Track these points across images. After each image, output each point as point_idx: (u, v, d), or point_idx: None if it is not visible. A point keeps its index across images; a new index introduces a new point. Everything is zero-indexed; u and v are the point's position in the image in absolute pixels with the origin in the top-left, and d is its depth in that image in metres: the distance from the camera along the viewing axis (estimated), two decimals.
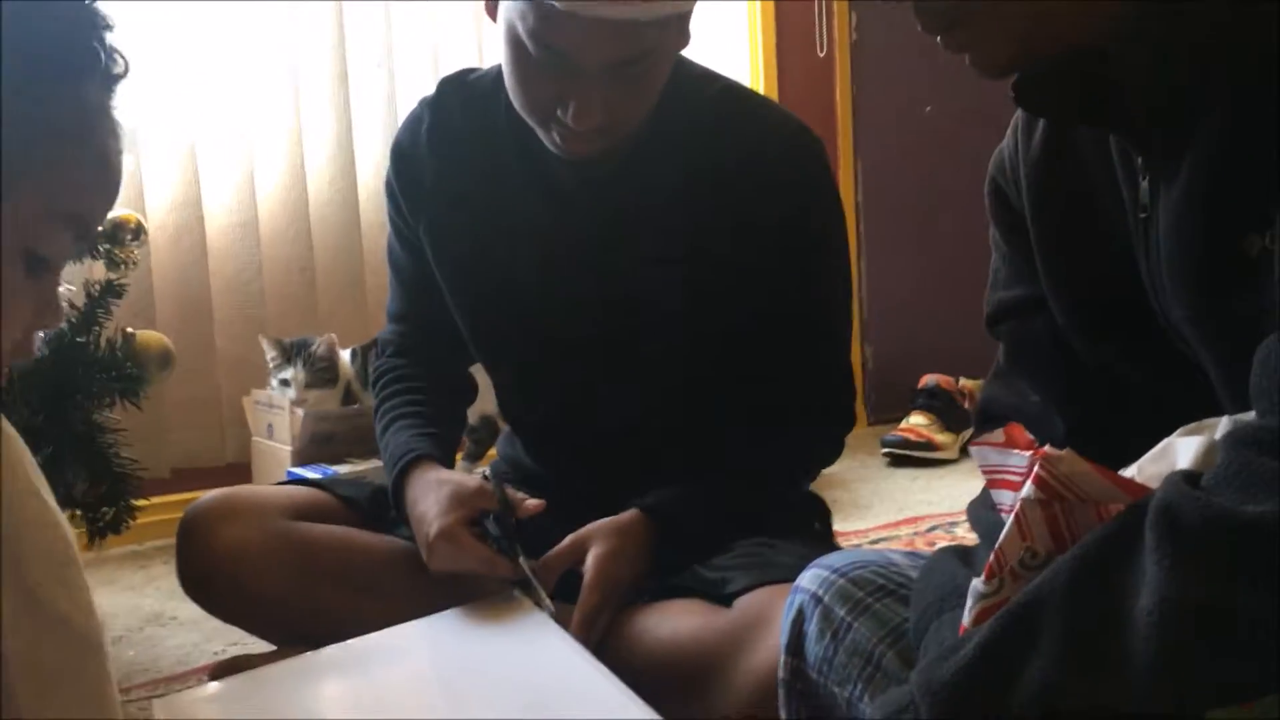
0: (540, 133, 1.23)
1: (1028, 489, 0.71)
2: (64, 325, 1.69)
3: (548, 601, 1.21)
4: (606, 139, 1.20)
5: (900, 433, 3.00)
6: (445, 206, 1.36)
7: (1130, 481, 0.70)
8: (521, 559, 1.24)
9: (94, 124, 0.74)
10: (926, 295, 3.37)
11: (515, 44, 1.17)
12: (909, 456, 2.94)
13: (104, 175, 0.75)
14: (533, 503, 1.28)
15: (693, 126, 1.27)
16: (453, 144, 1.35)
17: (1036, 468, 0.71)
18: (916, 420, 3.04)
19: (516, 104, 1.22)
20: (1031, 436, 0.82)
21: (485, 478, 1.31)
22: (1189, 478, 0.63)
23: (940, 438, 2.97)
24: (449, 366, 1.48)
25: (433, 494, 1.26)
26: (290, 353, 2.36)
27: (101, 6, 0.74)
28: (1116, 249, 0.81)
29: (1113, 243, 0.82)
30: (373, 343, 2.37)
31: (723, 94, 1.31)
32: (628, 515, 1.25)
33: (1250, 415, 0.67)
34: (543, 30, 1.12)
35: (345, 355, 2.44)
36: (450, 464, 1.39)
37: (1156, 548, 0.59)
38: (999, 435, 0.82)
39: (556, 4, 1.09)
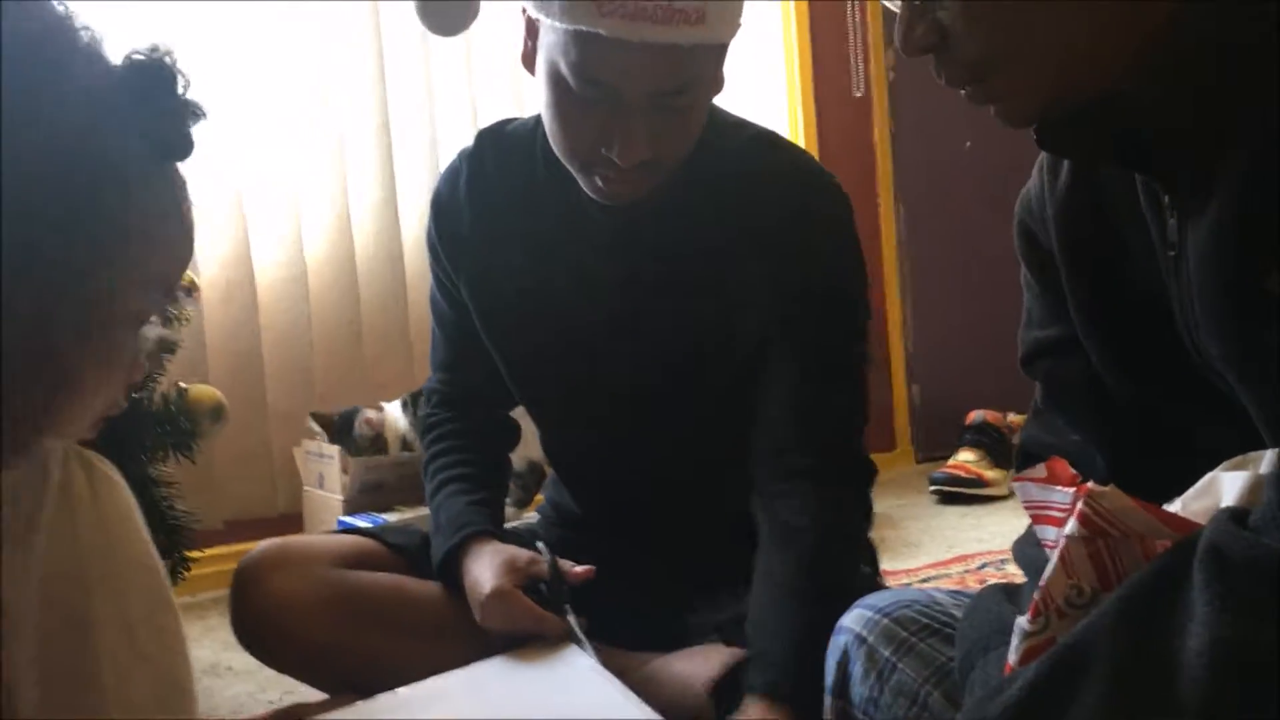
0: (582, 178, 1.24)
1: (1071, 525, 0.71)
2: None
3: (594, 655, 1.23)
4: (649, 178, 1.22)
5: (949, 470, 2.98)
6: (484, 257, 1.37)
7: (1175, 516, 0.70)
8: (570, 615, 1.28)
9: (183, 201, 0.81)
10: (972, 331, 3.35)
11: (557, 84, 1.18)
12: (958, 493, 2.92)
13: (187, 238, 0.82)
14: (582, 569, 1.32)
15: (725, 175, 1.28)
16: (490, 195, 1.37)
17: (1080, 504, 0.70)
18: (965, 457, 3.02)
19: (559, 148, 1.23)
20: (1074, 472, 0.82)
21: (537, 549, 1.35)
22: (1236, 516, 0.63)
23: (989, 474, 2.94)
24: (493, 414, 1.50)
25: (486, 561, 1.31)
26: (336, 431, 2.40)
27: (196, 96, 0.83)
28: (1148, 287, 0.81)
29: (1144, 281, 0.82)
30: (420, 391, 2.42)
31: (753, 143, 1.32)
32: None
33: None
34: (588, 63, 1.14)
35: (395, 409, 2.45)
36: (502, 527, 1.43)
37: (1206, 588, 0.58)
38: (1041, 470, 0.82)
39: (601, 31, 1.11)
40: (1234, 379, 0.75)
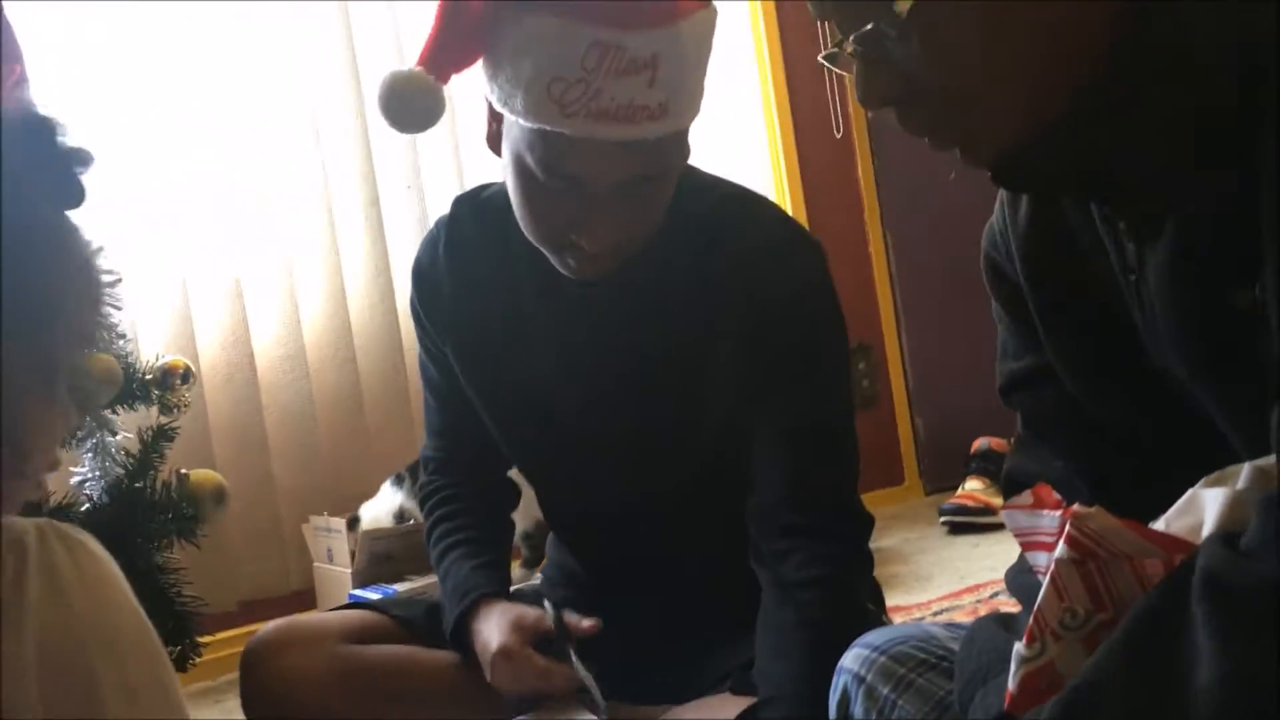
0: (552, 258, 1.24)
1: (1060, 549, 0.71)
2: (121, 470, 1.75)
3: (602, 702, 1.24)
4: (618, 258, 1.22)
5: (957, 500, 2.97)
6: (465, 322, 1.38)
7: (1162, 534, 0.70)
8: (576, 662, 1.28)
9: (83, 245, 0.80)
10: (970, 359, 3.33)
11: (523, 173, 1.19)
12: (969, 523, 2.91)
13: (98, 289, 0.82)
14: (588, 623, 1.33)
15: (696, 242, 1.28)
16: (468, 263, 1.38)
17: (1068, 527, 0.71)
18: (973, 486, 3.02)
19: (527, 230, 1.24)
20: (1059, 497, 0.82)
21: (543, 607, 1.36)
22: (1226, 540, 0.62)
23: (997, 501, 2.93)
24: (491, 476, 1.50)
25: (494, 621, 1.32)
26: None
27: (76, 141, 0.80)
28: (1114, 311, 0.82)
29: (1109, 305, 0.82)
30: (418, 463, 2.43)
31: (720, 203, 1.32)
32: None
33: (1271, 459, 0.67)
34: (554, 158, 1.15)
35: (386, 489, 2.47)
36: (507, 588, 1.44)
37: (1208, 621, 0.58)
38: (1027, 498, 0.82)
39: (566, 131, 1.12)
40: (1203, 396, 0.76)
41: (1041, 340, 0.90)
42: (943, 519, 2.96)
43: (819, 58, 0.85)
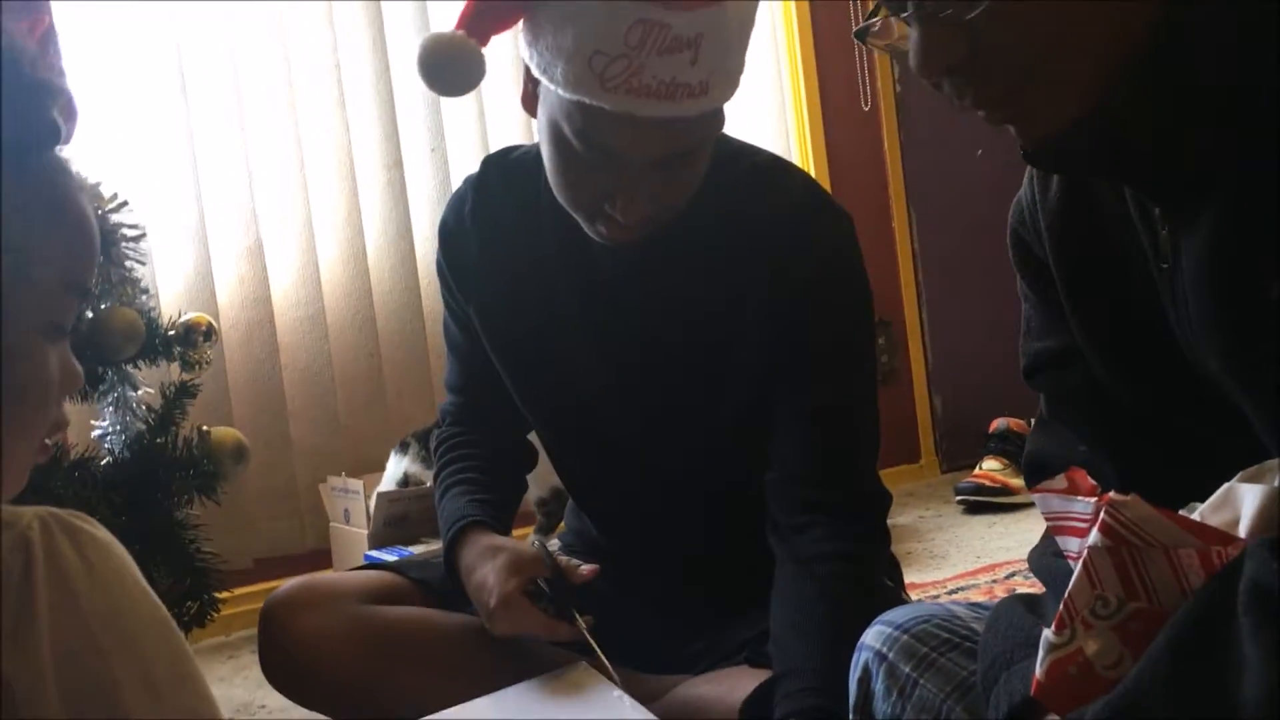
0: (584, 224, 1.24)
1: (1094, 536, 0.70)
2: (142, 425, 1.76)
3: (606, 661, 1.23)
4: (650, 227, 1.22)
5: (974, 479, 2.97)
6: (491, 283, 1.38)
7: (1201, 525, 0.69)
8: (580, 621, 1.27)
9: (69, 190, 0.76)
10: (991, 339, 3.33)
11: (559, 141, 1.18)
12: (984, 503, 2.91)
13: (89, 236, 0.77)
14: (587, 568, 1.31)
15: (723, 208, 1.27)
16: (496, 224, 1.37)
17: (1102, 514, 0.70)
18: (990, 465, 3.01)
19: (561, 197, 1.23)
20: (1094, 482, 0.81)
21: (536, 546, 1.35)
22: (1275, 549, 0.61)
23: (1015, 482, 2.93)
24: (506, 434, 1.50)
25: (489, 562, 1.30)
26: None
27: (52, 79, 0.76)
28: (1146, 297, 0.81)
29: (1140, 292, 0.81)
30: (428, 430, 2.43)
31: (751, 171, 1.31)
32: None
33: None
34: (591, 130, 1.14)
35: (391, 461, 2.48)
36: (505, 529, 1.41)
37: (1255, 632, 0.57)
38: (1061, 481, 0.82)
39: (606, 106, 1.11)
40: (1235, 390, 0.75)
41: (1068, 321, 0.89)
42: (959, 498, 2.96)
43: (853, 34, 0.82)
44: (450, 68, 1.16)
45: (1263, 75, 0.68)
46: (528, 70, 1.20)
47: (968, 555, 2.51)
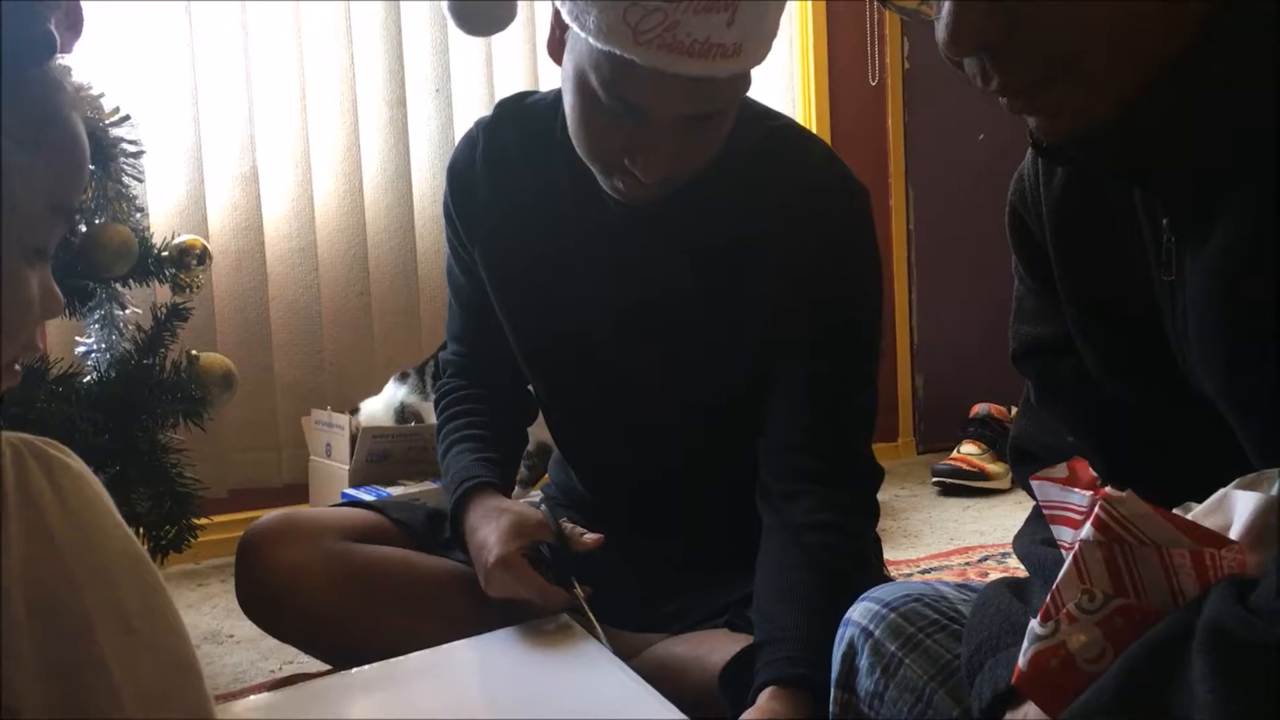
0: (601, 179, 1.23)
1: (1086, 530, 0.70)
2: (129, 346, 1.74)
3: (599, 630, 1.24)
4: (668, 187, 1.21)
5: (951, 462, 2.98)
6: (498, 229, 1.37)
7: (1194, 525, 0.69)
8: (577, 589, 1.27)
9: (61, 108, 0.73)
10: (978, 323, 3.34)
11: (584, 91, 1.16)
12: (960, 486, 2.93)
13: (78, 156, 0.74)
14: (590, 537, 1.30)
15: (744, 172, 1.27)
16: (507, 170, 1.36)
17: (1097, 509, 0.70)
18: (968, 450, 3.03)
19: (580, 148, 1.22)
20: (1094, 474, 0.81)
21: (543, 510, 1.33)
22: (1236, 593, 0.60)
23: (992, 467, 2.95)
24: (509, 385, 1.48)
25: (493, 522, 1.29)
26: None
27: None
28: (1141, 299, 0.79)
29: (1138, 292, 0.79)
30: (425, 363, 2.42)
31: (771, 136, 1.30)
32: (771, 705, 1.10)
33: None
34: (619, 83, 1.12)
35: (389, 386, 2.46)
36: (510, 489, 1.41)
37: (1209, 675, 0.56)
38: (1062, 470, 0.81)
39: (636, 59, 1.09)
40: (1227, 412, 0.74)
41: (1062, 308, 0.87)
42: (935, 479, 2.98)
43: None
44: (483, 6, 1.14)
45: None
46: (556, 15, 1.19)
47: (941, 536, 2.53)
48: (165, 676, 0.70)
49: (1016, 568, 2.13)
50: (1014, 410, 3.16)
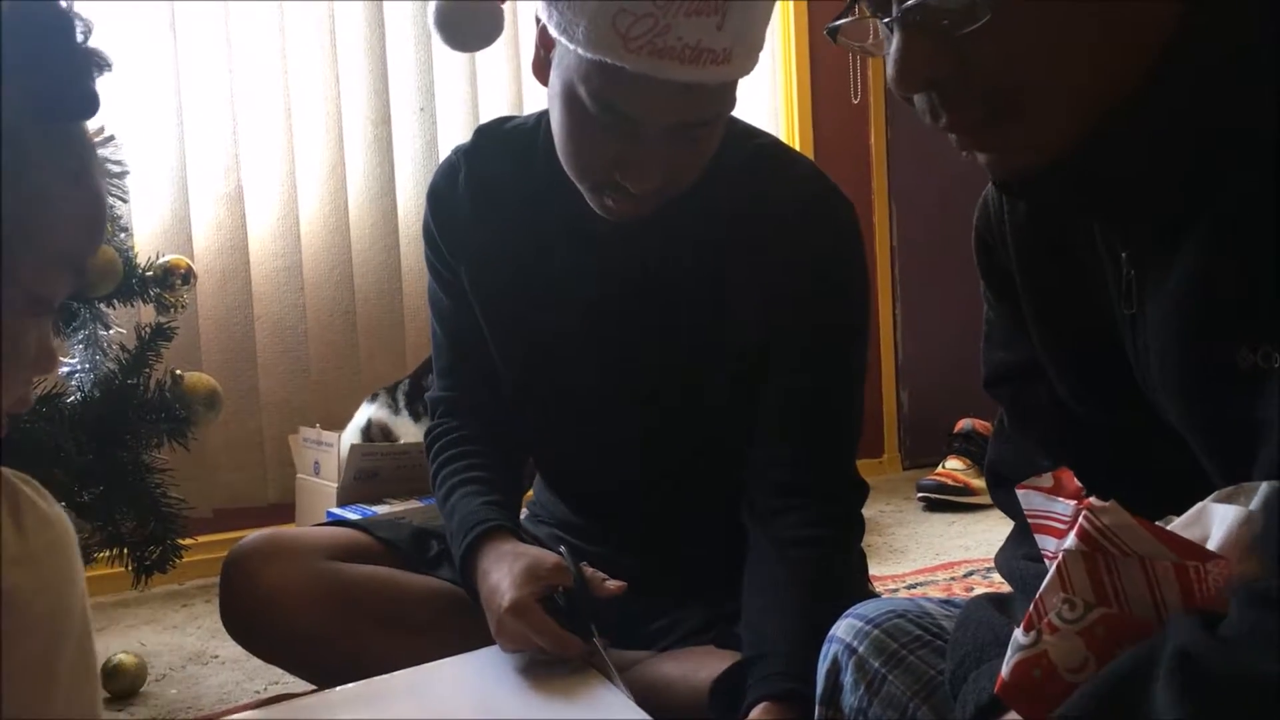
0: (589, 196, 1.22)
1: (1070, 540, 0.71)
2: (113, 365, 1.74)
3: (618, 679, 1.18)
4: (658, 202, 1.20)
5: (936, 477, 2.99)
6: (485, 251, 1.36)
7: (1176, 538, 0.68)
8: (596, 640, 1.21)
9: (90, 164, 0.74)
10: (962, 339, 3.34)
11: (572, 106, 1.16)
12: (945, 501, 2.93)
13: (99, 213, 0.75)
14: (614, 584, 1.24)
15: (727, 186, 1.27)
16: (491, 193, 1.35)
17: (1081, 519, 0.70)
18: (953, 465, 3.04)
19: (569, 166, 1.21)
20: (1079, 484, 0.82)
21: (561, 554, 1.27)
22: (1204, 622, 0.60)
23: (977, 482, 2.95)
24: (503, 420, 1.43)
25: (505, 566, 1.23)
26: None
27: (99, 46, 0.74)
28: (1106, 329, 0.79)
29: (1102, 322, 0.79)
30: (397, 383, 2.42)
31: (757, 153, 1.31)
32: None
33: None
34: (609, 93, 1.12)
35: (363, 408, 2.46)
36: (518, 527, 1.36)
37: (1177, 703, 0.54)
38: (1048, 480, 0.82)
39: (626, 66, 1.09)
40: (1193, 443, 0.74)
41: (1029, 334, 0.87)
42: (920, 495, 2.98)
43: (825, 29, 0.76)
44: (468, 22, 1.15)
45: (1247, 136, 0.65)
46: (540, 34, 1.19)
47: (927, 552, 2.54)
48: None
49: (1001, 584, 2.14)
50: None
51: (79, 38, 0.72)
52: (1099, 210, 0.75)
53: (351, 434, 2.41)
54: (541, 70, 1.22)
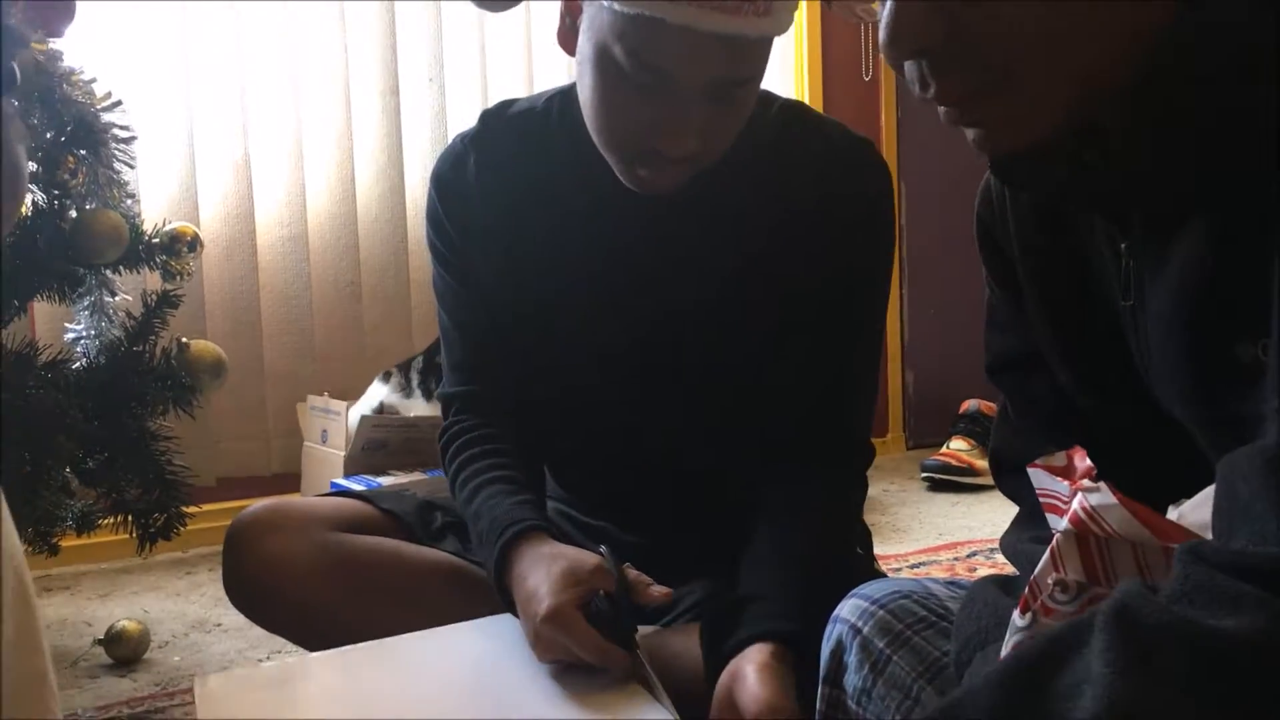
0: (620, 167, 1.19)
1: (1063, 521, 0.71)
2: (119, 333, 1.74)
3: (662, 692, 1.08)
4: (691, 170, 1.18)
5: (940, 458, 2.99)
6: (502, 240, 1.32)
7: (1165, 522, 0.68)
8: (639, 651, 1.10)
9: (10, 137, 0.72)
10: (968, 319, 3.34)
11: (606, 68, 1.13)
12: (949, 481, 2.93)
13: (19, 189, 0.74)
14: (659, 590, 1.16)
15: (756, 150, 1.25)
16: (504, 178, 1.32)
17: (1075, 502, 0.70)
18: (957, 445, 3.03)
19: (601, 134, 1.18)
20: (1090, 465, 0.81)
21: (603, 554, 1.17)
22: (1148, 585, 0.58)
23: (981, 463, 2.96)
24: (522, 417, 1.37)
25: (543, 569, 1.14)
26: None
27: (12, 26, 0.73)
28: (1108, 319, 0.79)
29: (1104, 313, 0.79)
30: (410, 360, 2.41)
31: (783, 112, 1.29)
32: (761, 658, 1.07)
33: None
34: (646, 48, 1.09)
35: (373, 386, 2.46)
36: (554, 531, 1.25)
37: (1108, 649, 0.52)
38: (1061, 459, 0.81)
39: (667, 18, 1.06)
40: (1195, 435, 0.73)
41: (1030, 322, 0.87)
42: (924, 475, 2.98)
43: None
44: None
45: (1246, 128, 0.64)
46: (566, 2, 1.17)
47: (930, 532, 2.54)
48: (19, 684, 0.68)
49: (1004, 564, 2.14)
50: None
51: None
52: (1098, 202, 0.75)
53: (362, 411, 2.41)
54: (568, 39, 1.19)
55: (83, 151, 1.62)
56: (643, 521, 1.39)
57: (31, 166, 1.64)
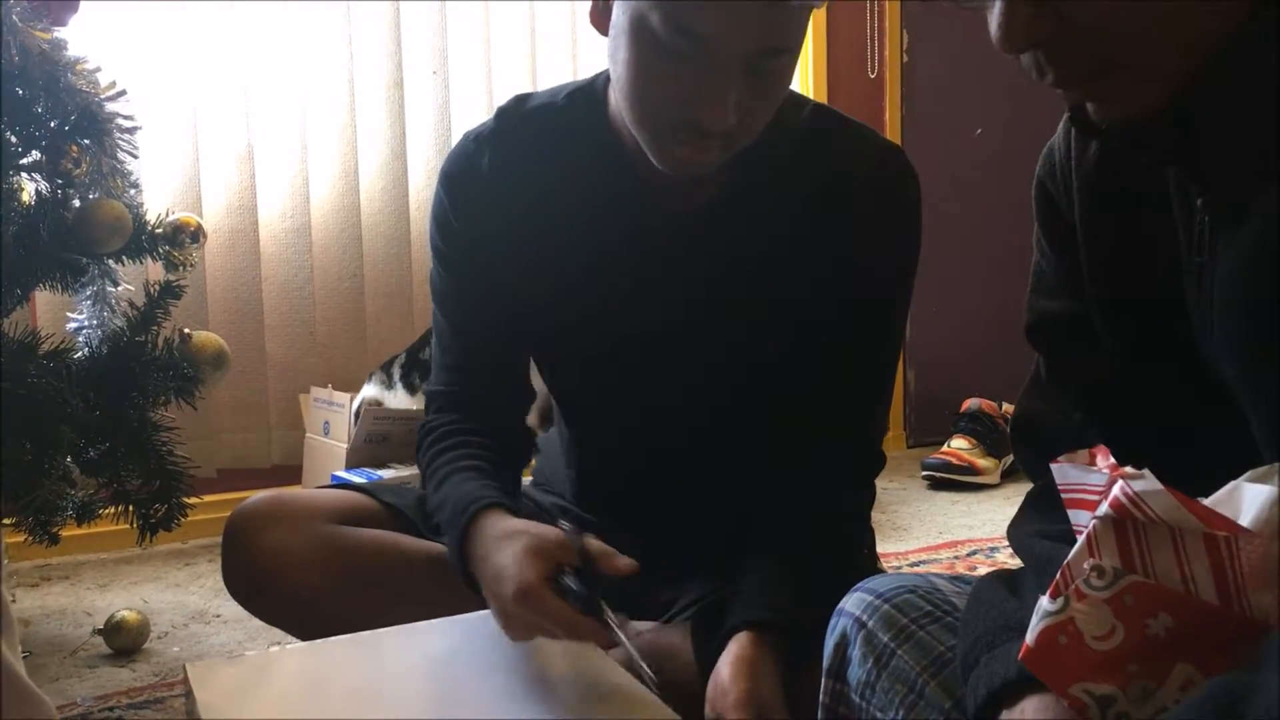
0: (654, 146, 1.17)
1: (1103, 507, 0.70)
2: (121, 323, 1.73)
3: (647, 671, 1.09)
4: (725, 150, 1.16)
5: (941, 456, 2.99)
6: (525, 238, 1.30)
7: (1207, 510, 0.68)
8: (610, 619, 1.08)
9: None
10: (971, 319, 3.35)
11: (643, 41, 1.11)
12: (950, 480, 2.93)
13: None
14: (625, 561, 1.11)
15: (787, 152, 1.24)
16: (525, 175, 1.29)
17: (1115, 489, 0.70)
18: (958, 444, 3.03)
19: (637, 110, 1.16)
20: (1114, 462, 0.81)
21: (563, 528, 1.15)
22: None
23: (982, 462, 2.96)
24: (508, 418, 1.37)
25: (507, 547, 1.12)
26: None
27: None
28: (1167, 281, 0.80)
29: (1164, 274, 0.80)
30: (392, 359, 2.41)
31: (814, 114, 1.28)
32: (737, 650, 1.09)
33: None
34: (687, 14, 1.07)
35: (365, 388, 2.47)
36: (516, 509, 1.22)
37: None
38: (1084, 455, 0.81)
39: None
40: (1247, 399, 0.74)
41: (1083, 285, 0.87)
42: (925, 473, 2.98)
43: None
44: None
45: None
46: None
47: (930, 530, 2.53)
48: None
49: (1004, 563, 2.14)
50: (1004, 406, 3.14)
51: None
52: (1189, 157, 0.76)
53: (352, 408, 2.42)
54: (601, 19, 1.17)
55: (86, 141, 1.62)
56: (645, 521, 1.39)
57: (35, 155, 1.64)
